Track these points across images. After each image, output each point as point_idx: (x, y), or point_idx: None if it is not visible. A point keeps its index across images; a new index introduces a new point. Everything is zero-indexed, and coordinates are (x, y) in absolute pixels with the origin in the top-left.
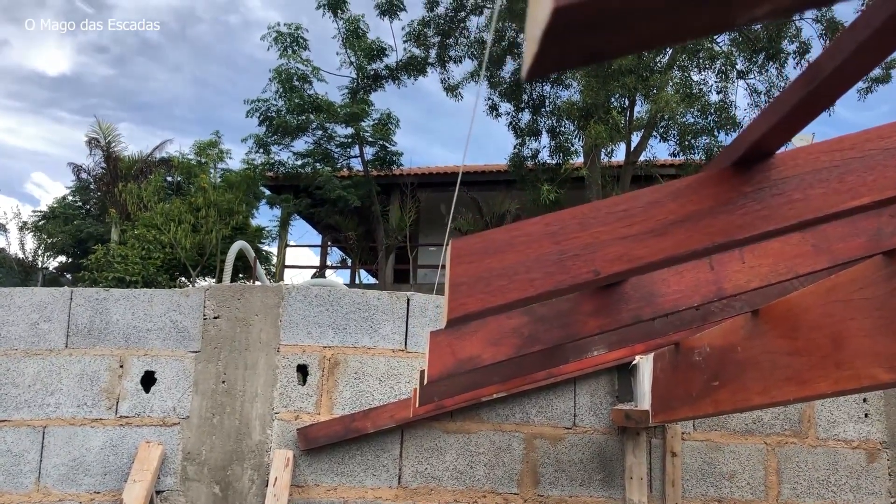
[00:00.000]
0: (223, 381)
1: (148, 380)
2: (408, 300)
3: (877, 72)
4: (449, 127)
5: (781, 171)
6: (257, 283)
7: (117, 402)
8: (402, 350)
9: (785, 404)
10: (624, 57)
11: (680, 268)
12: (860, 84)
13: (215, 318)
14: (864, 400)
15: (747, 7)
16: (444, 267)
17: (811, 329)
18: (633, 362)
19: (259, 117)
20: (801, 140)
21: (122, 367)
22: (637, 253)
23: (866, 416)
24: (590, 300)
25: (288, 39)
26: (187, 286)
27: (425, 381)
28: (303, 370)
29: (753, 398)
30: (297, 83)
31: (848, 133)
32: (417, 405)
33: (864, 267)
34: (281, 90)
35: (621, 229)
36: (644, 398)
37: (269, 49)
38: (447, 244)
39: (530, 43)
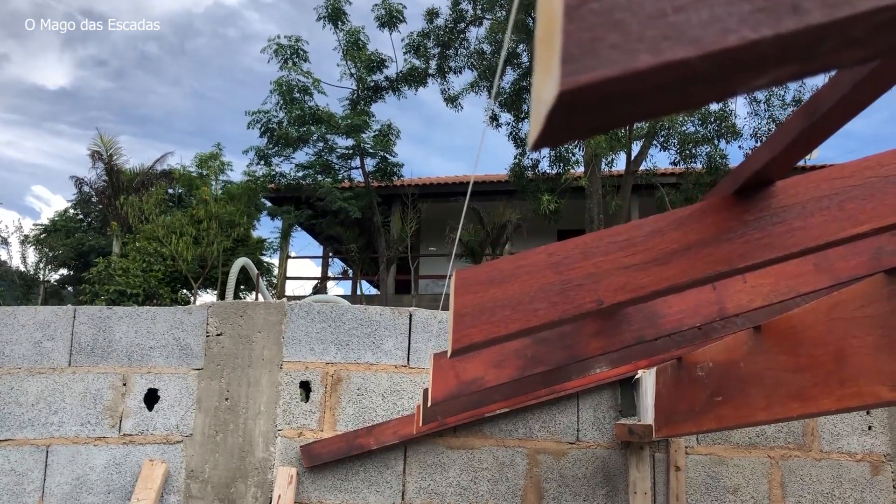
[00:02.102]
0: (226, 399)
1: (151, 397)
2: (410, 316)
3: None
4: (447, 137)
5: (782, 200)
6: (259, 298)
7: (120, 421)
8: (405, 366)
9: (788, 420)
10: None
11: None
12: None
13: (218, 335)
14: (868, 413)
15: (748, 80)
16: (447, 294)
17: (814, 346)
18: (636, 377)
19: (260, 129)
20: None
21: (125, 384)
22: (640, 282)
23: (870, 428)
24: (592, 321)
25: (288, 52)
26: (189, 298)
27: (429, 404)
28: (306, 387)
29: (757, 414)
30: (297, 95)
31: (849, 160)
32: (420, 425)
33: (866, 285)
34: (281, 102)
35: (624, 258)
36: (647, 413)
37: (269, 61)
38: (450, 275)
39: (535, 119)
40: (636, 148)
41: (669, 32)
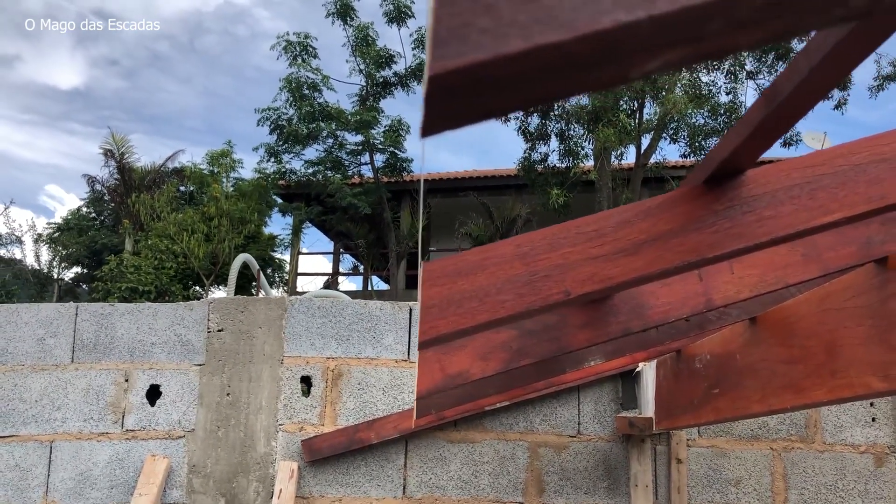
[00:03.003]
0: (228, 394)
1: (153, 393)
2: (410, 310)
3: (888, 70)
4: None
5: (752, 189)
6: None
7: (123, 416)
8: (405, 360)
9: (783, 412)
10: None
11: (668, 279)
12: (871, 82)
13: (219, 330)
14: (871, 404)
15: (638, 64)
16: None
17: (807, 337)
18: (637, 369)
19: (270, 126)
20: (813, 140)
21: (127, 380)
22: (608, 273)
23: (873, 420)
24: (579, 313)
25: (297, 48)
26: (200, 295)
27: (415, 397)
28: (306, 381)
29: (753, 406)
30: (307, 92)
31: (822, 149)
32: (415, 418)
33: (857, 275)
34: (291, 99)
35: (591, 249)
36: (648, 405)
37: (278, 58)
38: (420, 266)
39: (422, 107)
40: (646, 141)
41: (541, 16)
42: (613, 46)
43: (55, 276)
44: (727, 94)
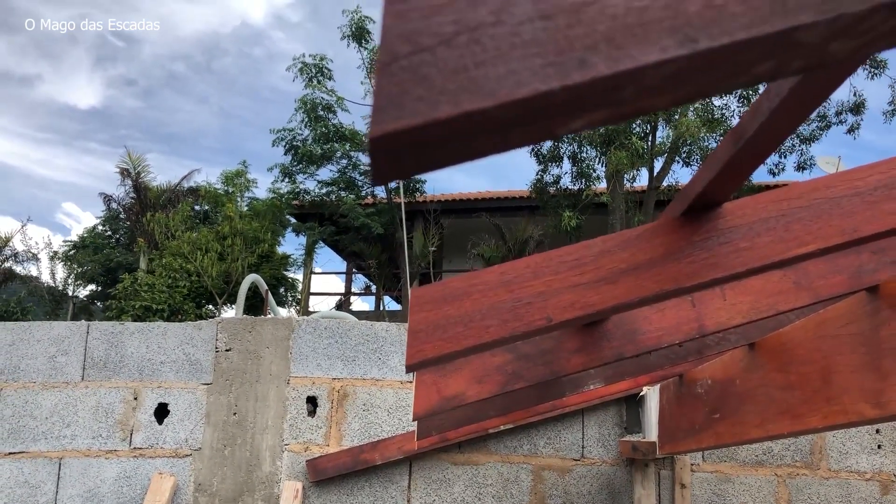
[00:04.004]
0: (234, 413)
1: (161, 412)
2: None
3: None
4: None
5: (729, 221)
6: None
7: (131, 434)
8: (411, 381)
9: (780, 438)
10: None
11: (662, 305)
12: (885, 107)
13: (227, 350)
14: (878, 431)
15: (562, 124)
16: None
17: (803, 363)
18: (641, 394)
19: (285, 146)
20: (828, 164)
21: (136, 399)
22: (588, 300)
23: (879, 447)
24: (573, 338)
25: (313, 70)
26: (213, 314)
27: (411, 419)
28: (312, 402)
29: (751, 431)
30: (321, 113)
31: (796, 181)
32: (416, 440)
33: (850, 303)
34: (306, 120)
35: (573, 277)
36: (651, 430)
37: (294, 80)
38: (408, 291)
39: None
40: (659, 164)
41: (468, 85)
42: (534, 111)
43: (70, 294)
44: (740, 117)
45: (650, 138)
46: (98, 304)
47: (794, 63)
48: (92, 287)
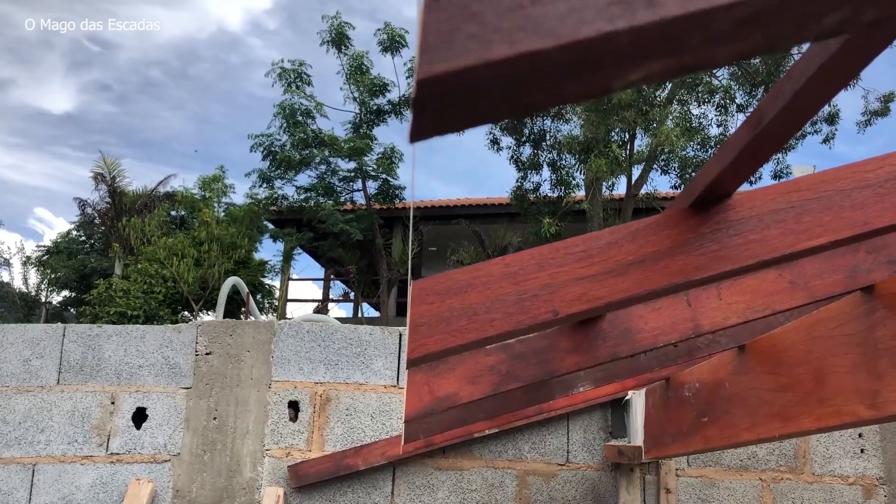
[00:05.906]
0: (214, 418)
1: (139, 416)
2: (400, 335)
3: (875, 105)
4: (447, 161)
5: (739, 213)
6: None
7: (108, 439)
8: (395, 386)
9: (771, 440)
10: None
11: (657, 304)
12: (859, 117)
13: (207, 354)
14: (860, 435)
15: (619, 74)
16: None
17: (795, 365)
18: (626, 398)
19: (263, 152)
20: (801, 171)
21: (113, 403)
22: (595, 293)
23: (862, 451)
24: (567, 337)
25: (292, 76)
26: (189, 320)
27: (402, 420)
28: (294, 406)
29: (741, 434)
30: (300, 118)
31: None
32: (403, 443)
33: (844, 303)
34: (285, 125)
35: (580, 269)
36: (637, 434)
37: (273, 85)
38: (409, 285)
39: (412, 108)
40: (637, 172)
41: (525, 24)
42: (595, 56)
43: (43, 300)
44: (717, 126)
45: (629, 146)
46: (72, 310)
47: (868, 13)
48: (66, 293)
